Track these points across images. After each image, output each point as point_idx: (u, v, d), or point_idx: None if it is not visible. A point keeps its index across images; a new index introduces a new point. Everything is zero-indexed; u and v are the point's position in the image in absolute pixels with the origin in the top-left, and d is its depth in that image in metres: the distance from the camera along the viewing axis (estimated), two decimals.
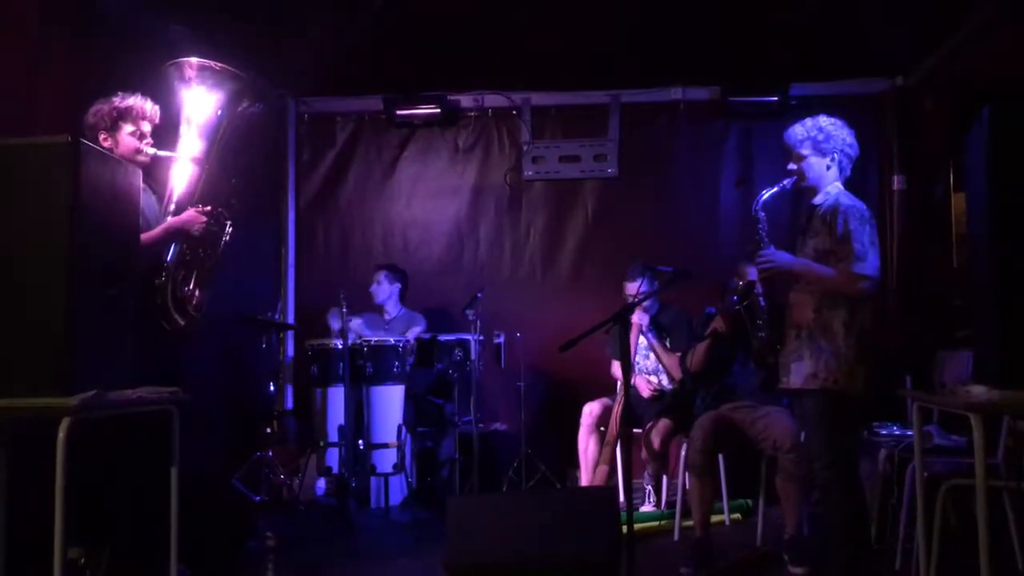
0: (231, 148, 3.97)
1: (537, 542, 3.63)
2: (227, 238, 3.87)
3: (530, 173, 6.64)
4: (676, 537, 4.79)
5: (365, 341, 5.51)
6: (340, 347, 5.36)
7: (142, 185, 3.72)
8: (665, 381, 5.46)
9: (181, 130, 3.86)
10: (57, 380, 2.56)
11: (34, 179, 2.64)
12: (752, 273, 3.87)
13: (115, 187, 2.92)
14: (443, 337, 5.78)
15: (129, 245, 3.05)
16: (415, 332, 6.00)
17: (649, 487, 5.50)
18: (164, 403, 3.05)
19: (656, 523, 5.02)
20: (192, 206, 3.75)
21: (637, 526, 4.07)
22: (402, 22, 6.08)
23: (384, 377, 5.46)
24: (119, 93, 3.67)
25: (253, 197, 4.31)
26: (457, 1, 5.96)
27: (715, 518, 4.76)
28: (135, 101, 3.66)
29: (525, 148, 6.64)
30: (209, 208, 3.76)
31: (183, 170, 3.82)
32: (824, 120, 3.65)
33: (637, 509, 5.34)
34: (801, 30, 5.89)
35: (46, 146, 2.67)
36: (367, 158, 6.84)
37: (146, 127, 3.68)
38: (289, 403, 6.59)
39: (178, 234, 3.70)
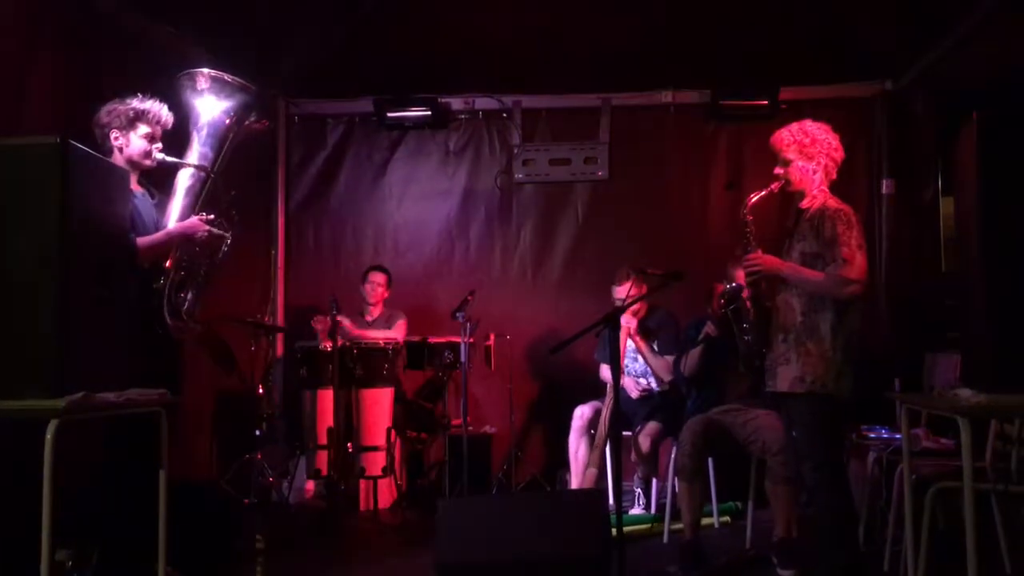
0: (232, 158, 3.99)
1: (527, 544, 3.63)
2: (226, 247, 3.88)
3: (520, 175, 6.64)
4: (666, 540, 4.79)
5: (355, 343, 5.51)
6: (329, 349, 5.35)
7: (142, 189, 3.75)
8: (653, 383, 5.47)
9: (192, 138, 3.89)
10: (46, 381, 2.55)
11: (23, 179, 2.64)
12: (740, 277, 3.88)
13: (105, 188, 2.92)
14: (433, 339, 5.77)
15: (120, 246, 3.04)
16: (399, 326, 5.98)
17: (639, 490, 5.51)
18: (152, 405, 3.04)
19: (646, 526, 5.02)
20: (195, 214, 3.77)
21: (627, 529, 4.08)
22: (393, 24, 6.09)
23: (373, 379, 5.45)
24: (137, 94, 3.71)
25: (243, 199, 4.31)
26: (448, 3, 5.99)
27: (704, 521, 4.76)
28: (152, 105, 3.71)
29: (516, 151, 6.64)
30: (212, 216, 3.77)
31: (187, 177, 3.84)
32: (809, 125, 3.67)
33: (627, 512, 5.35)
34: (791, 34, 5.92)
35: (35, 146, 2.67)
36: (358, 160, 6.83)
37: (159, 132, 3.72)
38: (278, 405, 6.57)
39: (180, 239, 3.71)
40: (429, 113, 6.56)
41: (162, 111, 3.72)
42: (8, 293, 2.59)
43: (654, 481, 5.37)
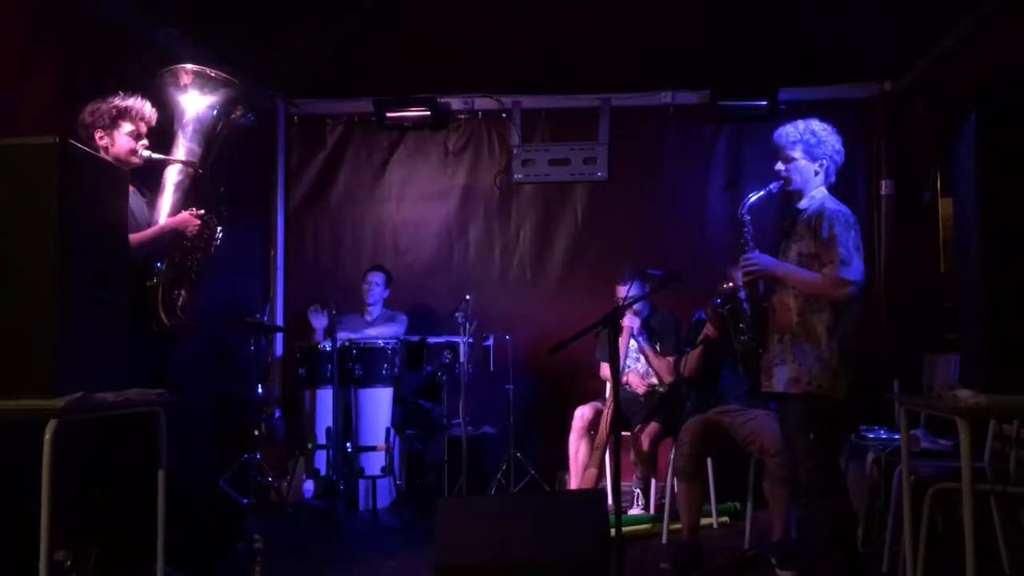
0: (222, 154, 3.98)
1: (526, 544, 3.63)
2: (217, 243, 3.88)
3: (520, 176, 6.64)
4: (664, 540, 4.79)
5: (354, 343, 5.51)
6: (329, 349, 5.35)
7: (132, 188, 3.74)
8: (656, 381, 5.47)
9: (177, 135, 3.88)
10: (44, 381, 2.55)
11: (22, 180, 2.63)
12: (738, 277, 3.88)
13: (103, 188, 2.91)
14: (432, 339, 5.78)
15: (118, 246, 3.04)
16: (397, 328, 6.00)
17: (638, 490, 5.51)
18: (151, 405, 3.04)
19: (645, 526, 5.02)
20: (185, 210, 3.76)
21: (625, 529, 4.08)
22: (392, 24, 6.09)
23: (373, 379, 5.45)
24: (119, 93, 3.68)
25: (242, 199, 4.32)
26: (448, 4, 5.99)
27: (703, 521, 4.76)
28: (135, 102, 3.67)
29: (515, 151, 6.64)
30: (203, 211, 3.76)
31: (175, 174, 3.83)
32: (816, 124, 3.66)
33: (625, 512, 5.35)
34: (790, 35, 5.92)
35: (34, 147, 2.67)
36: (357, 160, 6.83)
37: (143, 128, 3.69)
38: (277, 405, 6.57)
39: (172, 235, 3.70)
40: (428, 113, 6.56)
41: (144, 107, 3.69)
42: (6, 293, 2.59)
43: (653, 481, 5.37)
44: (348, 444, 5.39)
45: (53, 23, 4.29)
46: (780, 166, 3.68)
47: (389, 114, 6.59)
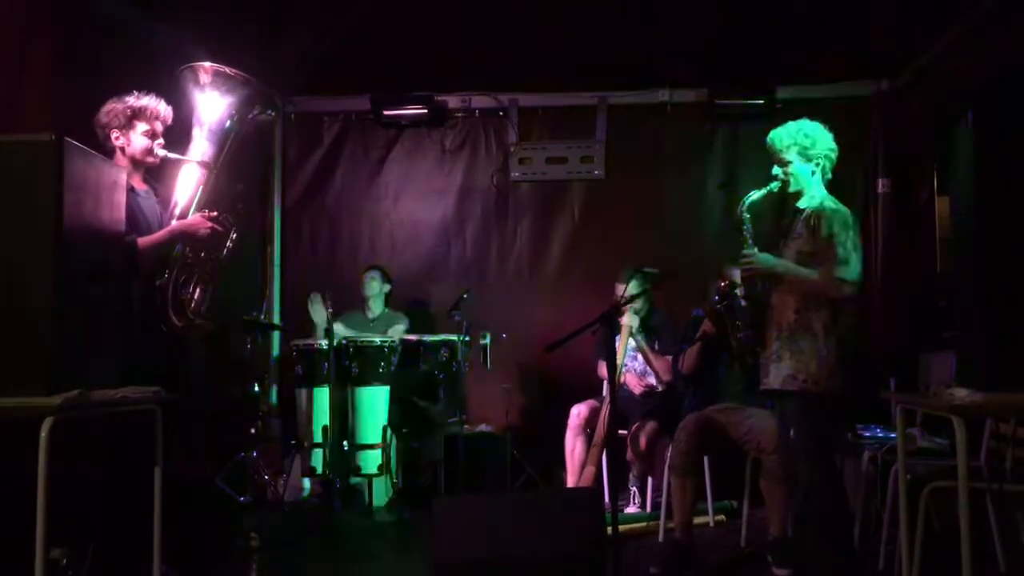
0: (236, 152, 3.96)
1: (523, 542, 3.63)
2: (231, 243, 3.85)
3: (517, 174, 6.64)
4: (661, 538, 4.79)
5: (351, 341, 5.50)
6: (325, 347, 5.35)
7: (147, 187, 3.73)
8: (653, 382, 5.47)
9: (193, 133, 3.86)
10: (40, 379, 2.54)
11: (18, 177, 2.63)
12: (735, 274, 3.89)
13: (100, 185, 2.90)
14: (429, 338, 5.77)
15: (114, 244, 3.03)
16: (398, 330, 6.01)
17: (635, 488, 5.51)
18: (147, 403, 3.03)
19: (642, 524, 5.02)
20: (198, 210, 3.74)
21: (622, 527, 4.08)
22: (390, 22, 6.08)
23: (369, 378, 5.45)
24: (134, 92, 3.67)
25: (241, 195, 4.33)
26: (446, 1, 5.98)
27: (699, 519, 4.77)
28: (150, 101, 3.66)
29: (512, 149, 6.64)
30: (215, 212, 3.74)
31: (191, 173, 3.81)
32: (808, 125, 3.67)
33: (622, 510, 5.35)
34: (787, 33, 5.92)
35: (30, 144, 2.66)
36: (354, 158, 6.82)
37: (159, 128, 3.68)
38: (274, 403, 6.56)
39: (182, 237, 3.68)
40: (426, 111, 6.55)
41: (159, 107, 3.68)
42: (2, 290, 2.58)
43: (650, 480, 5.37)
44: (345, 442, 5.39)
45: (51, 20, 4.28)
46: (777, 170, 3.70)
47: (386, 112, 6.59)
